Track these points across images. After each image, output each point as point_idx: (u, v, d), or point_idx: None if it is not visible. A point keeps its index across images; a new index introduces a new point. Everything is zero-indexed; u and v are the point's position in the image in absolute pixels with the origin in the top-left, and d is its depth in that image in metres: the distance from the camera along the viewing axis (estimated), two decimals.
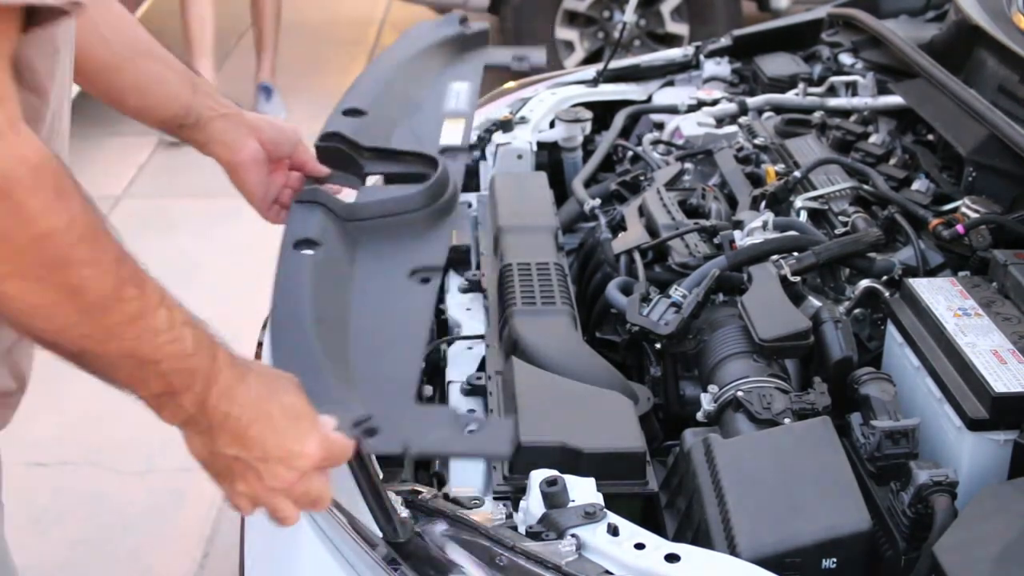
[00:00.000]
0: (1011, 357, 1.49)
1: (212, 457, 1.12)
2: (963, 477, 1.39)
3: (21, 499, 3.06)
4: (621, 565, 1.25)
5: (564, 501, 1.31)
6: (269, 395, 1.13)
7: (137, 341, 1.03)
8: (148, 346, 1.04)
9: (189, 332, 1.07)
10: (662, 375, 1.78)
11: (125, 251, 1.05)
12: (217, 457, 1.12)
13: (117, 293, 1.02)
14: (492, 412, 1.55)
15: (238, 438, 1.11)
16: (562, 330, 1.73)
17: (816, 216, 2.03)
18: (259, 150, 1.54)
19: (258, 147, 1.54)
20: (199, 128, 1.52)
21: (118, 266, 1.03)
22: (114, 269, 1.02)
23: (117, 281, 1.02)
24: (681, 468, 1.51)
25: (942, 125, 2.07)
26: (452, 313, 1.91)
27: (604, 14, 5.47)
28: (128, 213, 4.75)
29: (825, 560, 1.29)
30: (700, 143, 2.40)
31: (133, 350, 1.04)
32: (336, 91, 1.78)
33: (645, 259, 1.96)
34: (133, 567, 2.89)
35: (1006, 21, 2.14)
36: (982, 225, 1.81)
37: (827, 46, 2.69)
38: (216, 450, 1.11)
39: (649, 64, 2.84)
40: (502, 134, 2.43)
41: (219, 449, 1.11)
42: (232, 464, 1.12)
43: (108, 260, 1.02)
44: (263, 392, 1.12)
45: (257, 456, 1.11)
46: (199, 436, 1.11)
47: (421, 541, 1.32)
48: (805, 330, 1.64)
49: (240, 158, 1.53)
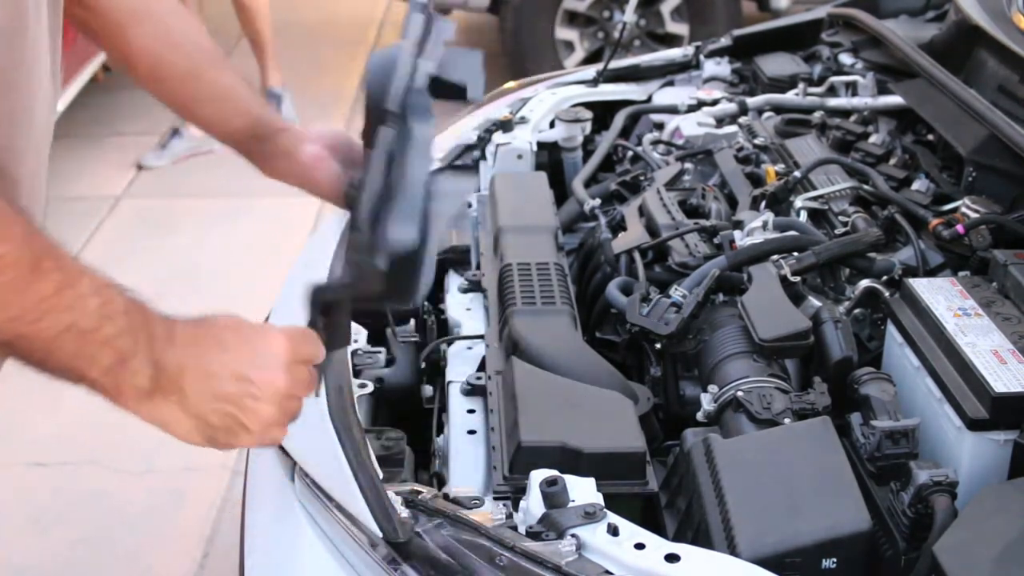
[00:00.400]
0: (1011, 357, 1.49)
1: (199, 420, 1.09)
2: (963, 477, 1.39)
3: (21, 499, 3.07)
4: (621, 565, 1.25)
5: (564, 501, 1.31)
6: (203, 326, 1.11)
7: (70, 312, 1.01)
8: (82, 314, 1.01)
9: (115, 293, 1.05)
10: (662, 375, 1.78)
11: (33, 226, 1.03)
12: (203, 416, 1.09)
13: (36, 265, 1.00)
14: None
15: (205, 379, 1.08)
16: (562, 330, 1.73)
17: (816, 216, 2.03)
18: (322, 151, 1.47)
19: (320, 149, 1.47)
20: (267, 140, 1.48)
21: (30, 240, 1.01)
22: (27, 243, 1.00)
23: (32, 255, 1.00)
24: (681, 468, 1.51)
25: (942, 125, 2.07)
26: (452, 313, 1.91)
27: (604, 14, 5.47)
28: (128, 213, 4.76)
29: (825, 560, 1.29)
30: (700, 143, 2.40)
31: (70, 323, 1.01)
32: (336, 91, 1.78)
33: (645, 259, 1.96)
34: (133, 567, 2.89)
35: (1006, 21, 2.14)
36: (982, 225, 1.81)
37: (827, 46, 2.69)
38: (196, 408, 1.08)
39: (649, 64, 2.84)
40: (502, 134, 2.43)
41: (198, 405, 1.08)
42: (221, 410, 1.09)
43: (18, 235, 1.00)
44: (195, 327, 1.10)
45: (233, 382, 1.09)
46: (172, 404, 1.08)
47: (421, 541, 1.32)
48: (805, 330, 1.64)
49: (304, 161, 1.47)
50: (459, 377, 1.70)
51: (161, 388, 1.07)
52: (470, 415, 1.63)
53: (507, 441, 1.49)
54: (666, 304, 1.76)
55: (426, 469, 1.66)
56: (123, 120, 5.49)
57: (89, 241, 4.52)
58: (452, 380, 1.71)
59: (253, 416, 1.11)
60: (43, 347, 1.02)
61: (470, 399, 1.66)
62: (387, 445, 1.56)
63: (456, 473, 1.51)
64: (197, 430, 1.11)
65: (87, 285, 1.03)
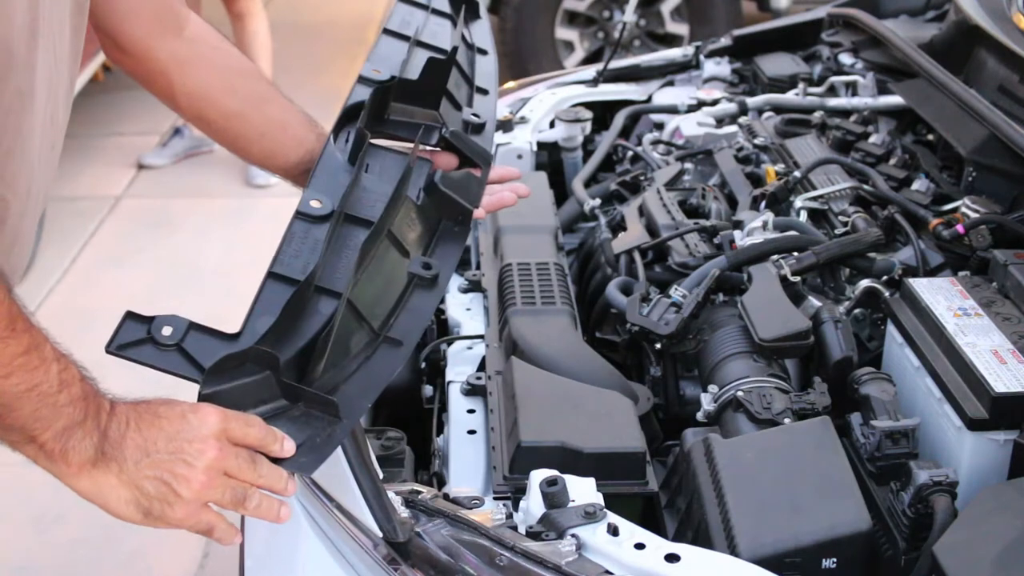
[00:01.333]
0: (1011, 357, 1.49)
1: (136, 490, 1.11)
2: (963, 477, 1.39)
3: (21, 499, 3.07)
4: (621, 565, 1.25)
5: (564, 501, 1.31)
6: (141, 404, 1.13)
7: (36, 372, 1.04)
8: (45, 377, 1.05)
9: (70, 362, 1.10)
10: (662, 375, 1.78)
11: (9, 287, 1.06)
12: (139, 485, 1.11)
13: (12, 324, 1.04)
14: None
15: (143, 447, 1.10)
16: (562, 330, 1.73)
17: (816, 216, 2.03)
18: None
19: None
20: None
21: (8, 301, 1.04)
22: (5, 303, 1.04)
23: (9, 314, 1.04)
24: (681, 468, 1.51)
25: (942, 125, 2.07)
26: (452, 313, 1.91)
27: (604, 14, 5.47)
28: (128, 213, 4.76)
29: (825, 560, 1.29)
30: (700, 143, 2.40)
31: (35, 383, 1.05)
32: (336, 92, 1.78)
33: (645, 259, 1.96)
34: (133, 567, 2.89)
35: (1006, 21, 2.14)
36: (982, 225, 1.81)
37: (827, 46, 2.69)
38: (134, 476, 1.10)
39: (649, 64, 2.85)
40: (502, 134, 2.43)
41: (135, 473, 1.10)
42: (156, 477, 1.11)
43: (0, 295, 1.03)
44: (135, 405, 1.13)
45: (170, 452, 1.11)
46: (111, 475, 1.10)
47: (421, 541, 1.32)
48: (805, 330, 1.64)
49: None
50: (459, 377, 1.70)
51: (104, 456, 1.10)
52: (470, 415, 1.63)
53: (507, 441, 1.49)
54: (666, 304, 1.76)
55: (426, 469, 1.66)
56: (123, 120, 5.49)
57: (89, 241, 4.52)
58: (452, 380, 1.71)
59: (184, 483, 1.12)
60: (7, 403, 1.05)
61: (470, 399, 1.66)
62: (387, 445, 1.56)
63: (456, 473, 1.51)
64: (133, 501, 1.12)
65: (50, 351, 1.07)
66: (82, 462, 1.09)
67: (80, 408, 1.08)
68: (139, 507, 1.12)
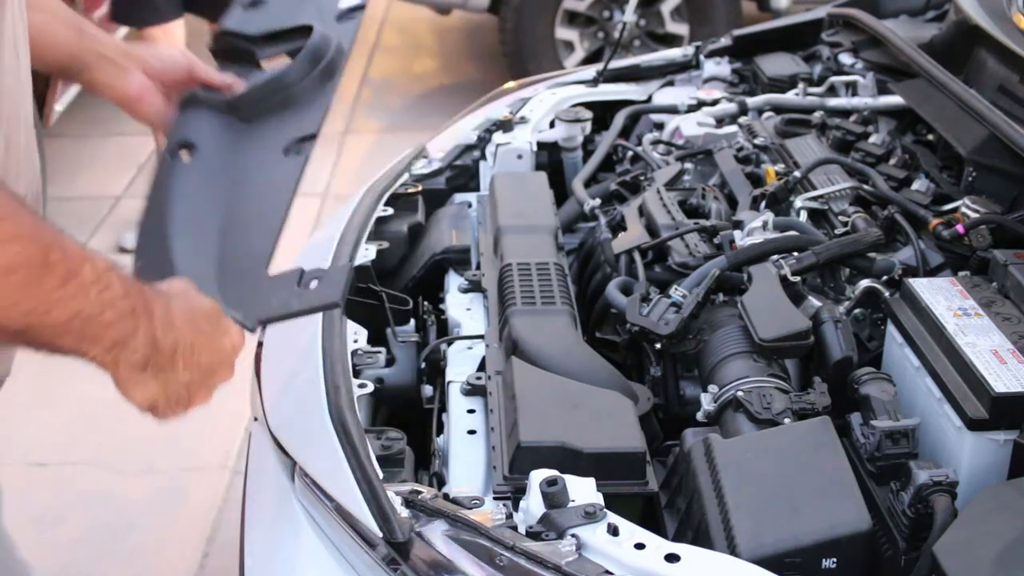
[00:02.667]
0: (1011, 357, 1.49)
1: (166, 392, 1.15)
2: (963, 477, 1.39)
3: (21, 499, 3.07)
4: (621, 565, 1.25)
5: (564, 501, 1.31)
6: (190, 309, 1.16)
7: (75, 300, 1.05)
8: (86, 302, 1.05)
9: (115, 276, 1.09)
10: (662, 375, 1.78)
11: (35, 215, 1.05)
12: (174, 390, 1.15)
13: (45, 260, 1.02)
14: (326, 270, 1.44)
15: (189, 361, 1.15)
16: (562, 330, 1.73)
17: (816, 216, 2.03)
18: (146, 81, 1.54)
19: (144, 79, 1.54)
20: (87, 72, 1.53)
21: (37, 232, 1.03)
22: (35, 236, 1.03)
23: (41, 249, 1.03)
24: (681, 468, 1.51)
25: (942, 125, 2.07)
26: (452, 313, 1.91)
27: (604, 14, 5.47)
28: (128, 213, 4.75)
29: (825, 560, 1.29)
30: (700, 143, 2.40)
31: (76, 311, 1.05)
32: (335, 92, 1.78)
33: (645, 259, 1.96)
34: (133, 567, 2.89)
35: (1006, 21, 2.14)
36: (982, 225, 1.81)
37: (827, 46, 2.69)
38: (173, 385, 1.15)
39: (649, 64, 2.84)
40: (502, 134, 2.43)
41: (175, 380, 1.15)
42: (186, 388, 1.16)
43: (27, 231, 1.02)
44: (185, 308, 1.16)
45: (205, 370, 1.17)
46: (155, 380, 1.14)
47: (421, 541, 1.32)
48: (805, 330, 1.64)
49: (128, 94, 1.54)
50: (459, 377, 1.70)
51: (153, 362, 1.13)
52: (470, 415, 1.63)
53: (507, 441, 1.49)
54: (666, 304, 1.76)
55: (426, 469, 1.66)
56: (123, 120, 5.44)
57: (89, 241, 4.52)
58: (452, 380, 1.71)
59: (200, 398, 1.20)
60: (51, 334, 1.06)
61: (470, 399, 1.66)
62: (387, 445, 1.56)
63: (456, 473, 1.51)
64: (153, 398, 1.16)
65: (89, 273, 1.07)
66: (132, 368, 1.12)
67: (128, 323, 1.09)
68: (153, 403, 1.16)
